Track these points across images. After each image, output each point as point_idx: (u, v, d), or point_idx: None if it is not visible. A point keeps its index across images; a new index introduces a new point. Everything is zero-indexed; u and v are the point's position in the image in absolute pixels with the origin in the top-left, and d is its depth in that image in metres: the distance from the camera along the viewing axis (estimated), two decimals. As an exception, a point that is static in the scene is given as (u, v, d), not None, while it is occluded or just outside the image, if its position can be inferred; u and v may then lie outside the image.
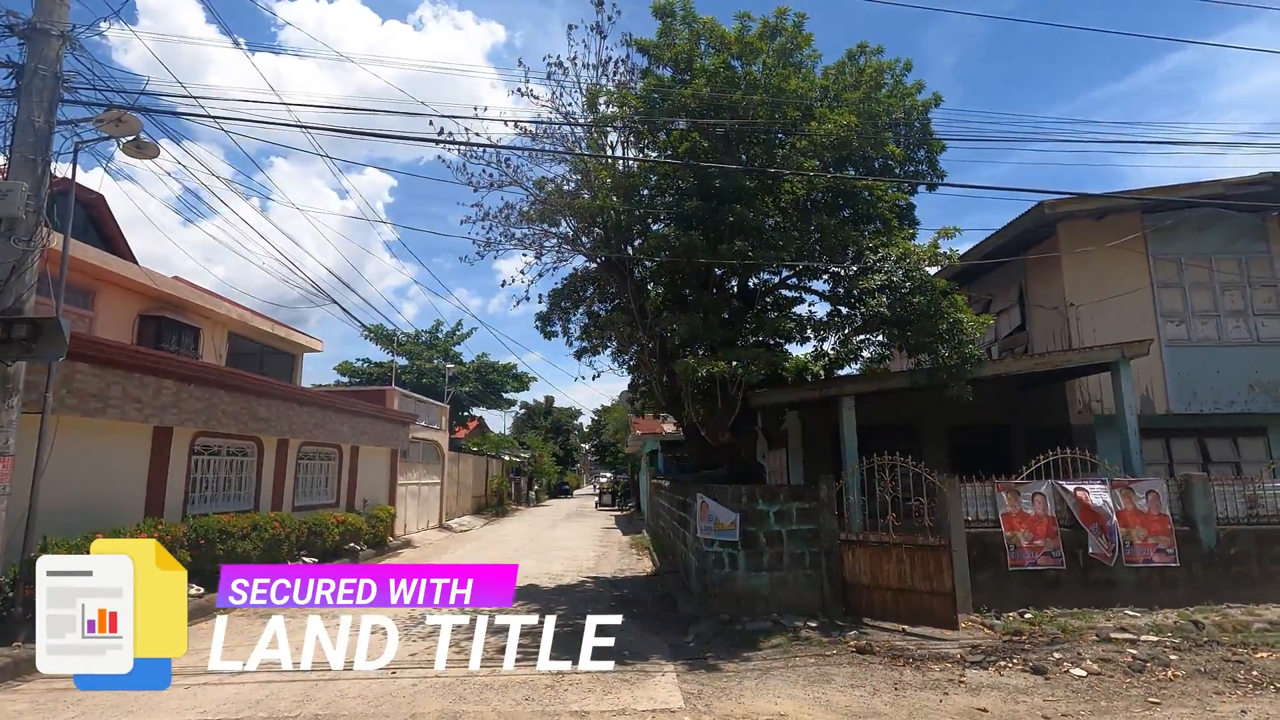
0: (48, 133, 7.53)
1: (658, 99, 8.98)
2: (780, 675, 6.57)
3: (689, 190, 8.84)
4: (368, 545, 16.32)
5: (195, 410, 10.91)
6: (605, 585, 12.41)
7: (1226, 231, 12.63)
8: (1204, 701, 5.78)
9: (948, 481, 8.67)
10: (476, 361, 38.98)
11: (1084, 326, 12.30)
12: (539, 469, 50.42)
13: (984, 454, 12.28)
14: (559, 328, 11.86)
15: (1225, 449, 12.64)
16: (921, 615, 7.96)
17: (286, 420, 13.65)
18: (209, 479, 12.01)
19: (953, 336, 9.04)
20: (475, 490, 32.90)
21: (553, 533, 24.28)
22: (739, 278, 10.14)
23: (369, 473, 18.37)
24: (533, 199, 10.05)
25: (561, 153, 9.22)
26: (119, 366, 9.29)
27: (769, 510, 8.68)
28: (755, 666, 6.87)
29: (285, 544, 12.41)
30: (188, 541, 9.74)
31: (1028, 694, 5.98)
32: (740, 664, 6.97)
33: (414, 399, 22.77)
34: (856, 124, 8.86)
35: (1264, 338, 12.40)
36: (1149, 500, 8.91)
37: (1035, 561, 8.64)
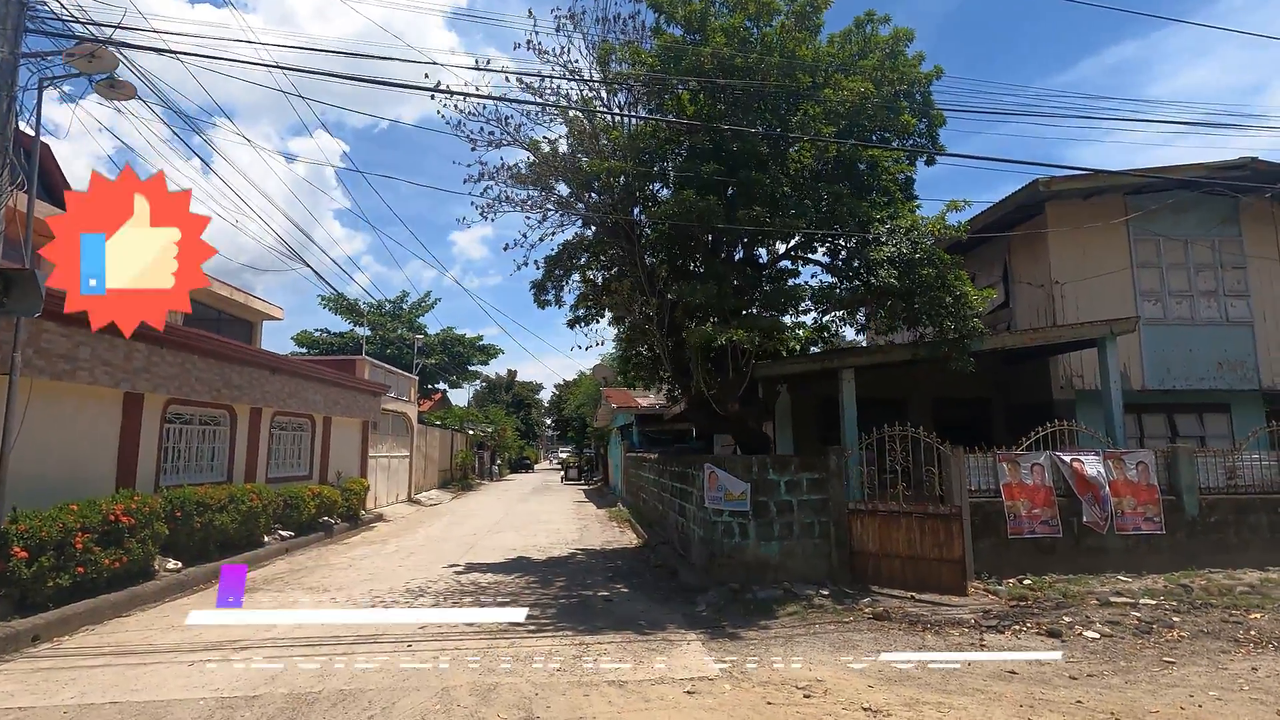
0: (13, 66, 6.81)
1: (672, 58, 8.67)
2: (805, 642, 6.58)
3: (704, 153, 8.60)
4: (341, 519, 15.85)
5: (168, 376, 10.25)
6: (596, 557, 12.31)
7: (1202, 215, 13.08)
8: (1214, 660, 6.01)
9: (954, 452, 8.79)
10: (442, 334, 38.09)
11: (1068, 304, 12.62)
12: (502, 443, 49.92)
13: (966, 427, 12.58)
14: (552, 295, 11.56)
15: (1192, 424, 13.23)
16: (929, 582, 8.10)
17: (260, 388, 13.00)
18: (181, 449, 11.37)
19: (959, 309, 9.11)
20: (441, 464, 32.36)
21: (526, 506, 24.06)
22: (745, 247, 9.99)
23: (341, 445, 17.77)
24: (536, 160, 9.66)
25: (575, 108, 8.85)
26: (86, 325, 8.60)
27: (780, 480, 8.66)
28: (777, 634, 6.86)
29: (262, 516, 11.90)
30: (165, 514, 9.20)
31: (1048, 655, 6.12)
32: (761, 632, 6.96)
33: (384, 369, 22.09)
34: (873, 92, 8.75)
35: (1233, 318, 12.95)
36: (1139, 471, 9.23)
37: (1034, 530, 8.87)
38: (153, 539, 8.74)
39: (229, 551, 10.81)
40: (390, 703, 5.02)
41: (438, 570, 10.67)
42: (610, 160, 8.97)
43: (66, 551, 7.37)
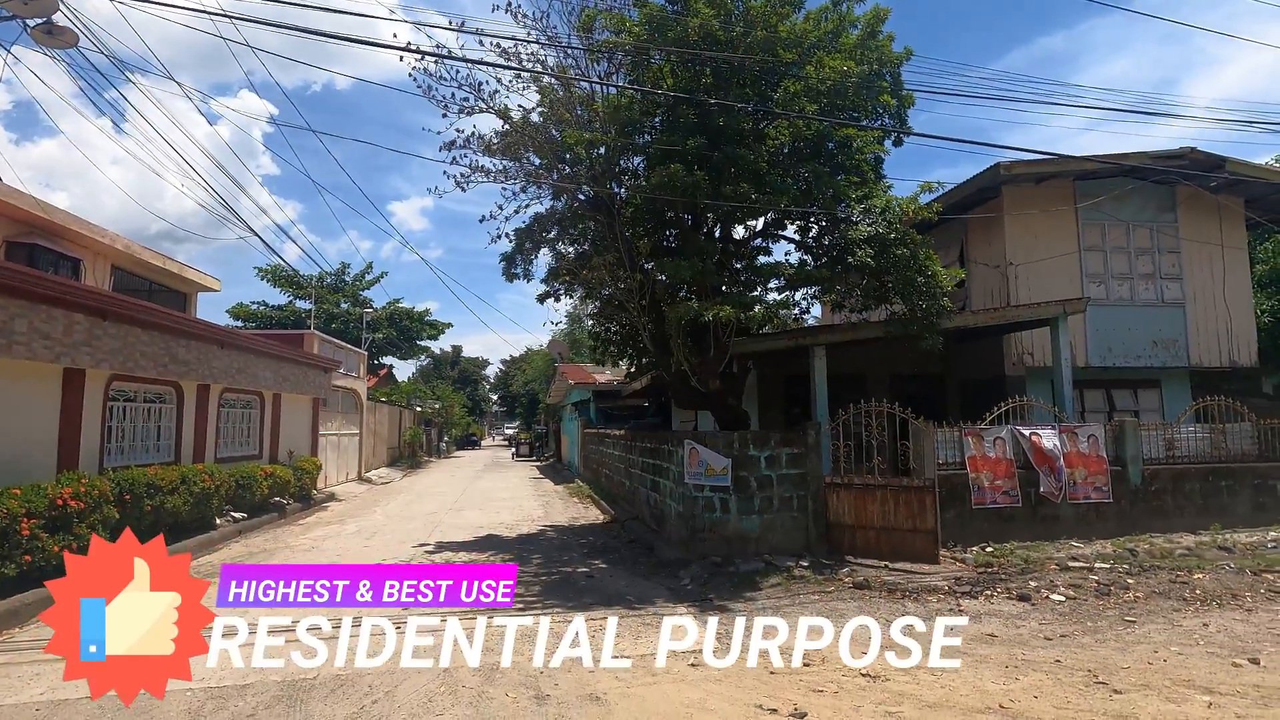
0: (-64, 3, 6.11)
1: (656, 29, 8.48)
2: (793, 612, 6.74)
3: (688, 127, 8.50)
4: (294, 499, 15.31)
5: (110, 350, 9.57)
6: (566, 534, 12.28)
7: (1143, 201, 13.80)
8: (1169, 618, 6.48)
9: (925, 427, 9.10)
10: (389, 307, 36.90)
11: (1020, 285, 13.16)
12: (449, 420, 49.07)
13: (921, 402, 13.02)
14: (521, 269, 11.31)
15: (1127, 399, 14.08)
16: (902, 551, 8.41)
17: (208, 364, 12.31)
18: (125, 428, 10.68)
19: (930, 288, 9.37)
20: (390, 442, 31.56)
21: (481, 483, 23.76)
22: (723, 224, 9.98)
23: (291, 423, 17.07)
24: (509, 128, 9.35)
25: (560, 77, 8.57)
26: (24, 296, 7.93)
27: (760, 455, 8.79)
28: (763, 605, 7.01)
29: (215, 498, 11.37)
30: (114, 496, 8.67)
31: (1022, 619, 6.48)
32: (747, 603, 7.10)
33: (333, 344, 21.25)
34: (854, 70, 8.80)
35: (1167, 299, 13.79)
36: (1090, 444, 9.77)
37: (996, 500, 9.31)
38: (103, 523, 8.23)
39: (181, 535, 10.30)
40: (393, 685, 4.91)
41: (407, 550, 10.43)
42: (591, 131, 8.76)
43: (12, 539, 6.88)
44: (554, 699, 4.67)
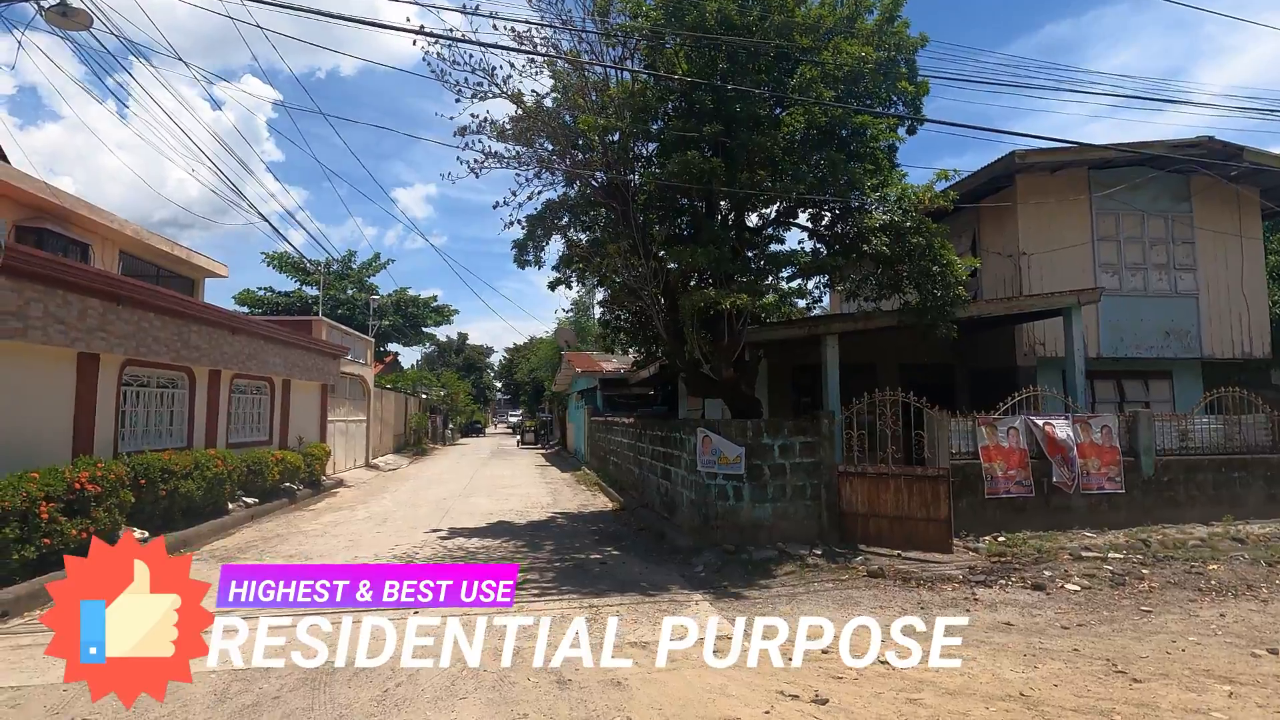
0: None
1: (673, 13, 8.39)
2: (809, 600, 6.76)
3: (704, 113, 8.42)
4: (304, 485, 15.38)
5: (124, 335, 9.59)
6: (576, 520, 12.32)
7: (1158, 191, 13.67)
8: (1185, 608, 6.48)
9: (939, 417, 9.08)
10: (395, 294, 36.89)
11: (1034, 275, 13.08)
12: (455, 407, 49.15)
13: (931, 392, 12.98)
14: (532, 256, 11.26)
15: (1138, 389, 14.03)
16: (915, 540, 8.42)
17: (220, 349, 12.33)
18: (138, 413, 10.72)
19: (945, 277, 9.31)
20: (396, 429, 31.68)
21: (489, 470, 23.84)
22: (737, 211, 9.91)
23: (301, 408, 17.12)
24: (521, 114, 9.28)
25: (575, 61, 8.49)
26: (40, 280, 7.93)
27: (774, 444, 8.79)
28: (779, 593, 7.04)
29: (227, 483, 11.42)
30: (129, 481, 8.71)
31: (1038, 608, 6.49)
32: (763, 591, 7.12)
33: (341, 331, 21.29)
34: (872, 56, 8.70)
35: (1180, 290, 13.70)
36: (1103, 434, 9.75)
37: (1009, 490, 9.30)
38: (119, 508, 8.28)
39: (194, 519, 10.36)
40: (414, 669, 4.93)
41: (419, 536, 10.48)
42: (605, 117, 8.69)
43: (31, 522, 6.91)
44: (575, 683, 4.70)
